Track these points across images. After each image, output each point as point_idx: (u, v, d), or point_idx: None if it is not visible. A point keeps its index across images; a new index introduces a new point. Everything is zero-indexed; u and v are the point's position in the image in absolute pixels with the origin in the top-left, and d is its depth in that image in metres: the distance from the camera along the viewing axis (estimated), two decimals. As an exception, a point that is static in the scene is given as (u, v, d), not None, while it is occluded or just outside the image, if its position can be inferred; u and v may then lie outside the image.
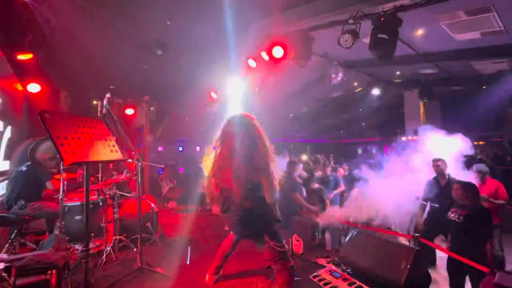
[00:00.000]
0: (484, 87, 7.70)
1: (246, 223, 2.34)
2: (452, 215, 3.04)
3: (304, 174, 5.05)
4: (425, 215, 3.96)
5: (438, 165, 3.87)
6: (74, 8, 4.03)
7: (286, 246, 2.40)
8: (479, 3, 3.88)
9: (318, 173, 5.49)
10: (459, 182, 3.20)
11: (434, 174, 3.96)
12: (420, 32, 4.91)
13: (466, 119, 7.94)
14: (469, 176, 3.85)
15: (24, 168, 3.52)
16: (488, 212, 2.95)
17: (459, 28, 4.60)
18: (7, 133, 4.21)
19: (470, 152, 4.39)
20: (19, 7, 3.60)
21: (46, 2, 3.74)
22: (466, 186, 3.03)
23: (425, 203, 3.99)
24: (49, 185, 3.63)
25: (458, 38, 5.02)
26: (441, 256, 3.56)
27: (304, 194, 4.65)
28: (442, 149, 4.27)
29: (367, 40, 3.88)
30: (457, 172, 4.03)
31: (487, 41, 5.13)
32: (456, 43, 5.22)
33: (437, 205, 3.85)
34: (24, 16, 3.69)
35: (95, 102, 6.35)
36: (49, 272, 2.08)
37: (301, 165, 5.39)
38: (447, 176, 3.83)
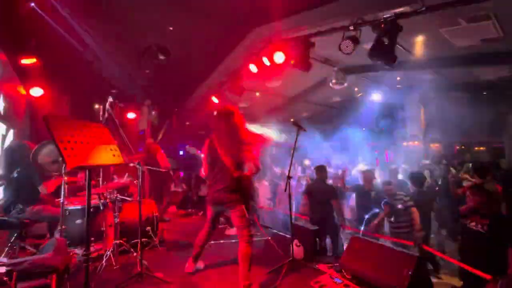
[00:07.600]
0: (485, 93, 7.73)
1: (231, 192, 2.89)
2: (473, 223, 2.91)
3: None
4: None
5: None
6: (79, 13, 4.09)
7: (251, 221, 3.01)
8: (479, 10, 3.91)
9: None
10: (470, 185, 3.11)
11: None
12: (420, 38, 4.95)
13: (466, 125, 7.93)
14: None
15: (15, 175, 3.42)
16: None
17: (459, 35, 4.64)
18: (10, 137, 4.23)
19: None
20: (24, 12, 3.65)
21: (50, 8, 3.79)
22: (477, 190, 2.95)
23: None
24: (42, 189, 3.53)
25: (458, 45, 5.06)
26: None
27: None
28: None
29: (368, 46, 3.91)
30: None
31: (487, 48, 5.16)
32: (456, 49, 5.26)
33: None
34: (29, 21, 3.74)
35: (97, 106, 6.38)
36: (50, 276, 2.07)
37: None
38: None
